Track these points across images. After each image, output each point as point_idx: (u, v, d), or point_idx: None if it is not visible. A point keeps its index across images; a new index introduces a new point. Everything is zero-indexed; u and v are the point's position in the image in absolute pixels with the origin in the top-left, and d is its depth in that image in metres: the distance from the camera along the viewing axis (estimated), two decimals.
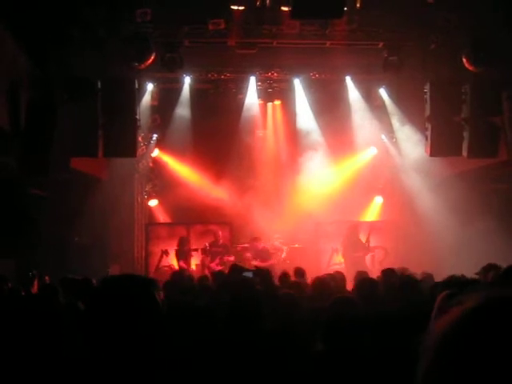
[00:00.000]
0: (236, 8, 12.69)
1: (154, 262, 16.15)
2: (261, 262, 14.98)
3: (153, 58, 13.18)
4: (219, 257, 15.45)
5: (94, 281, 8.21)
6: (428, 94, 13.96)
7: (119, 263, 15.41)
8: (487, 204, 13.90)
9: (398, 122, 16.63)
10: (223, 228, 16.50)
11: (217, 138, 16.77)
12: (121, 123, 13.35)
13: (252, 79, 16.67)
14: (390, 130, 17.16)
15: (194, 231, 16.59)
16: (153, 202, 17.61)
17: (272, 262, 15.55)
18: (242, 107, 17.17)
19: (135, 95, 13.75)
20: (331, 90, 17.01)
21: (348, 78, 16.68)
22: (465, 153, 13.70)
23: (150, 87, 16.28)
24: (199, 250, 15.97)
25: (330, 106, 16.91)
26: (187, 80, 16.61)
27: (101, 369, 2.04)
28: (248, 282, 6.69)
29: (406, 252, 15.95)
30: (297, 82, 16.87)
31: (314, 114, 17.20)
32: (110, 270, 14.38)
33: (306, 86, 16.93)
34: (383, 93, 16.93)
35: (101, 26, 12.24)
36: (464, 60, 12.94)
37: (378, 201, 17.81)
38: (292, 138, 17.60)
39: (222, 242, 15.83)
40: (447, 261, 12.77)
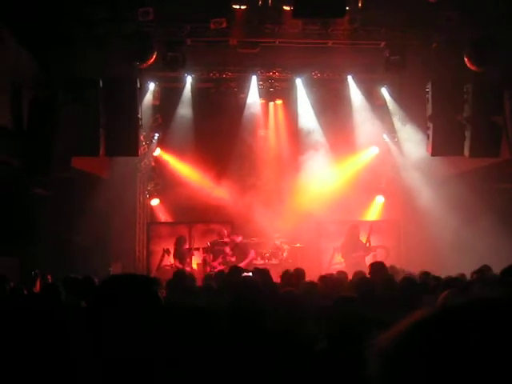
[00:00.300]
0: (238, 7, 12.69)
1: (155, 261, 16.16)
2: (237, 260, 14.99)
3: (154, 57, 13.18)
4: (222, 255, 15.42)
5: (95, 280, 8.22)
6: (430, 93, 13.96)
7: (121, 262, 15.42)
8: (489, 203, 13.89)
9: (400, 121, 16.64)
10: (225, 227, 16.50)
11: (218, 137, 16.76)
12: (122, 122, 13.37)
13: (254, 78, 16.66)
14: (391, 130, 17.16)
15: (196, 230, 16.59)
16: (154, 201, 17.62)
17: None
18: (243, 106, 17.16)
19: (137, 94, 13.77)
20: (333, 90, 17.01)
21: (350, 78, 16.68)
22: (466, 152, 13.71)
23: (151, 86, 16.30)
24: (201, 249, 15.98)
25: (331, 105, 16.90)
26: (189, 79, 16.61)
27: (104, 368, 2.05)
28: (250, 282, 6.70)
29: (407, 251, 15.97)
30: (298, 81, 16.87)
31: (315, 114, 17.20)
32: (111, 269, 14.39)
33: (308, 86, 16.92)
34: (385, 92, 16.93)
35: (103, 25, 12.26)
36: (466, 59, 12.95)
37: (379, 200, 17.80)
38: (293, 137, 17.59)
39: (227, 239, 15.77)
40: (449, 260, 12.80)
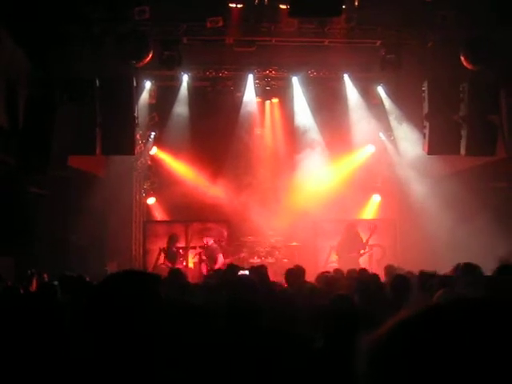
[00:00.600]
0: (234, 6, 12.70)
1: (151, 259, 16.13)
2: (209, 263, 15.10)
3: (151, 55, 13.17)
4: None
5: (88, 278, 8.25)
6: (426, 92, 13.98)
7: (117, 261, 15.40)
8: (485, 202, 13.91)
9: (396, 120, 16.65)
10: (221, 226, 16.51)
11: (215, 135, 16.75)
12: (119, 121, 13.35)
13: (250, 77, 16.67)
14: (387, 128, 17.18)
15: (192, 229, 16.59)
16: (151, 200, 17.60)
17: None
18: (240, 105, 17.15)
19: (133, 93, 13.76)
20: (329, 88, 17.02)
21: (346, 76, 16.69)
22: (463, 151, 13.73)
23: (148, 85, 16.29)
24: (197, 248, 15.99)
25: (327, 103, 16.92)
26: (185, 78, 16.61)
27: (103, 367, 2.05)
28: (246, 280, 6.69)
29: (403, 250, 15.98)
30: (295, 79, 16.88)
31: (311, 112, 17.20)
32: (107, 268, 14.37)
33: (304, 84, 16.93)
34: (381, 91, 16.94)
35: (99, 24, 12.25)
36: (462, 58, 12.96)
37: (375, 199, 17.81)
38: (290, 135, 17.59)
39: (224, 242, 15.88)
40: (445, 259, 12.79)
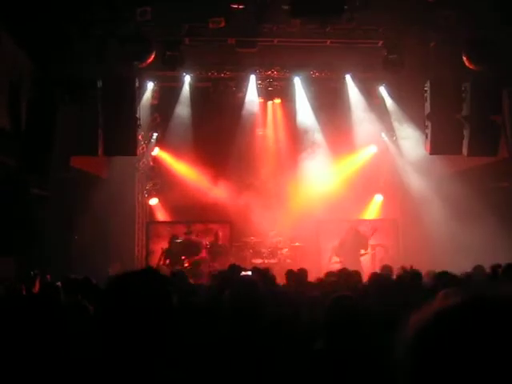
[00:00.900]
0: (236, 6, 12.69)
1: (154, 260, 16.16)
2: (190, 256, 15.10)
3: (153, 56, 13.17)
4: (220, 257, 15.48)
5: (93, 280, 8.23)
6: (428, 92, 13.97)
7: (120, 262, 15.40)
8: (487, 202, 13.90)
9: (398, 120, 16.64)
10: (223, 226, 16.52)
11: (217, 136, 16.76)
12: (121, 122, 13.37)
13: (252, 77, 16.67)
14: (389, 128, 17.17)
15: (195, 230, 16.61)
16: (153, 201, 17.62)
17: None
18: (242, 105, 17.16)
19: (135, 94, 13.77)
20: (331, 89, 17.01)
21: (348, 77, 16.68)
22: (465, 151, 13.72)
23: (150, 86, 16.30)
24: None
25: (330, 104, 16.93)
26: (187, 78, 16.61)
27: (112, 367, 2.05)
28: (249, 281, 6.70)
29: (405, 250, 15.99)
30: (297, 80, 16.88)
31: (314, 113, 17.21)
32: (110, 269, 14.37)
33: (306, 85, 16.93)
34: (383, 91, 16.94)
35: (101, 25, 12.24)
36: (464, 58, 12.94)
37: (378, 199, 17.82)
38: (292, 136, 17.61)
39: (221, 242, 15.87)
40: (447, 258, 12.80)
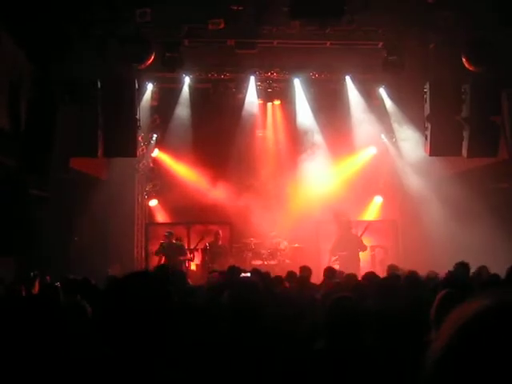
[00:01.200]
0: (236, 8, 12.69)
1: (154, 261, 16.14)
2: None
3: (153, 57, 13.17)
4: (219, 258, 15.44)
5: (92, 281, 8.24)
6: (428, 93, 13.97)
7: (119, 263, 15.40)
8: (487, 203, 13.90)
9: (398, 121, 16.64)
10: (223, 228, 16.51)
11: (216, 137, 16.77)
12: (121, 123, 13.37)
13: (252, 79, 16.67)
14: (389, 130, 17.17)
15: (194, 231, 16.60)
16: (153, 202, 17.62)
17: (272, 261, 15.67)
18: (241, 107, 17.16)
19: (135, 95, 13.77)
20: (331, 90, 17.01)
21: (348, 78, 16.68)
22: (464, 152, 13.72)
23: (149, 87, 16.30)
24: (199, 250, 15.99)
25: (329, 105, 16.93)
26: (187, 80, 16.61)
27: (112, 367, 2.05)
28: (248, 282, 6.70)
29: (405, 251, 15.99)
30: (297, 81, 16.87)
31: (313, 114, 17.21)
32: (110, 270, 14.37)
33: (306, 86, 16.93)
34: (383, 92, 16.94)
35: (100, 26, 12.25)
36: (464, 59, 12.95)
37: (377, 200, 17.82)
38: (292, 137, 17.61)
39: (221, 242, 15.86)
40: (447, 260, 12.78)
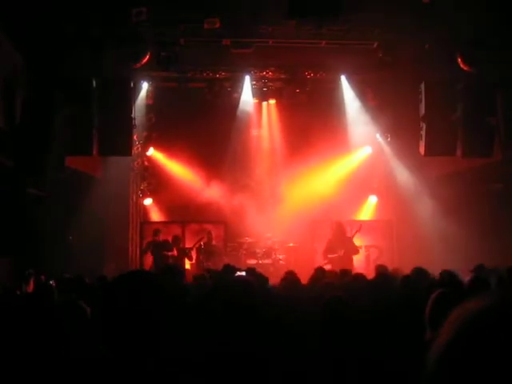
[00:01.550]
0: (231, 7, 12.68)
1: (148, 260, 16.13)
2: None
3: (148, 57, 13.17)
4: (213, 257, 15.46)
5: (87, 280, 8.25)
6: (423, 93, 13.98)
7: (114, 261, 15.40)
8: (481, 203, 13.94)
9: (393, 121, 16.66)
10: (218, 227, 16.50)
11: (212, 136, 16.77)
12: (116, 122, 13.34)
13: (247, 78, 16.68)
14: (384, 130, 17.19)
15: (189, 230, 16.60)
16: (147, 201, 17.61)
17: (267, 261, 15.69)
18: (236, 106, 17.18)
19: (130, 94, 13.76)
20: (326, 90, 17.03)
21: (343, 78, 16.71)
22: (459, 152, 13.74)
23: (145, 86, 16.31)
24: (194, 249, 15.99)
25: (324, 105, 16.94)
26: (182, 79, 16.60)
27: (108, 366, 2.06)
28: (243, 281, 6.71)
29: (400, 251, 16.01)
30: (292, 80, 16.87)
31: (308, 114, 17.22)
32: (105, 269, 14.37)
33: (301, 86, 16.93)
34: (378, 92, 16.96)
35: (96, 25, 12.24)
36: (459, 60, 12.98)
37: (372, 200, 17.84)
38: (287, 137, 17.62)
39: (214, 242, 15.86)
40: (441, 260, 12.84)
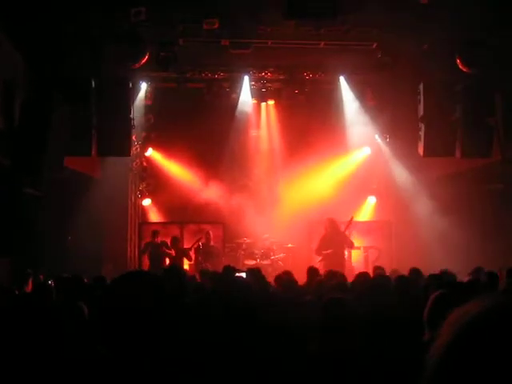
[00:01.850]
0: (230, 7, 12.68)
1: (147, 261, 16.11)
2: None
3: (147, 57, 13.16)
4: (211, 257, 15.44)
5: (85, 280, 8.25)
6: (421, 94, 13.99)
7: (112, 262, 15.39)
8: (481, 204, 13.94)
9: (392, 122, 16.67)
10: (216, 227, 16.48)
11: (210, 137, 16.78)
12: (115, 122, 13.33)
13: (246, 79, 16.68)
14: (383, 130, 17.20)
15: (188, 230, 16.59)
16: (146, 201, 17.61)
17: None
18: (235, 107, 17.18)
19: (129, 94, 13.75)
20: (325, 90, 17.03)
21: (342, 78, 16.72)
22: (458, 153, 13.75)
23: (144, 86, 16.30)
24: (192, 250, 15.97)
25: (323, 105, 16.94)
26: (181, 79, 16.60)
27: (105, 366, 2.06)
28: (242, 282, 6.71)
29: (398, 252, 16.00)
30: (291, 81, 16.87)
31: (307, 114, 17.22)
32: (103, 269, 14.36)
33: (300, 86, 16.94)
34: (377, 93, 16.96)
35: (95, 25, 12.23)
36: (457, 61, 12.98)
37: (371, 201, 17.85)
38: (285, 137, 17.62)
39: (212, 243, 15.83)
40: (440, 261, 12.84)
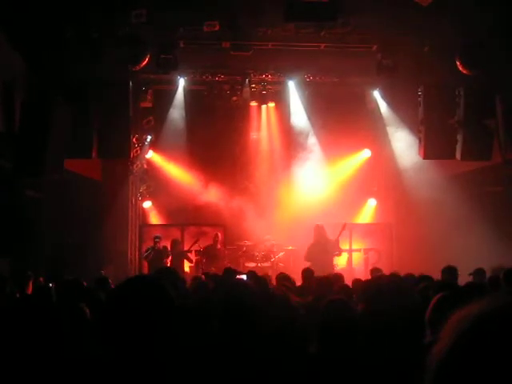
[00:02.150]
0: (231, 9, 12.68)
1: (147, 263, 16.11)
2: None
3: (147, 59, 13.16)
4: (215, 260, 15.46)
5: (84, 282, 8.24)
6: (422, 96, 14.00)
7: (113, 264, 15.37)
8: (481, 206, 13.93)
9: (392, 124, 16.67)
10: (217, 230, 16.49)
11: (211, 139, 16.78)
12: (115, 125, 13.34)
13: (246, 81, 16.68)
14: (383, 133, 17.19)
15: (188, 233, 16.59)
16: (147, 204, 17.61)
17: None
18: (236, 109, 17.18)
19: (129, 97, 13.74)
20: (325, 93, 17.03)
21: (342, 81, 16.70)
22: (458, 156, 13.74)
23: (144, 89, 16.28)
24: (193, 252, 15.98)
25: (324, 108, 16.94)
26: (181, 81, 16.62)
27: (106, 369, 2.05)
28: (242, 284, 6.70)
29: (399, 254, 16.00)
30: (291, 84, 16.89)
31: (308, 117, 17.23)
32: (103, 272, 14.33)
33: (301, 89, 16.95)
34: (377, 95, 16.98)
35: (95, 27, 12.23)
36: (458, 63, 12.98)
37: (371, 203, 17.85)
38: (286, 140, 17.62)
39: (219, 246, 15.84)
40: (440, 263, 12.81)
